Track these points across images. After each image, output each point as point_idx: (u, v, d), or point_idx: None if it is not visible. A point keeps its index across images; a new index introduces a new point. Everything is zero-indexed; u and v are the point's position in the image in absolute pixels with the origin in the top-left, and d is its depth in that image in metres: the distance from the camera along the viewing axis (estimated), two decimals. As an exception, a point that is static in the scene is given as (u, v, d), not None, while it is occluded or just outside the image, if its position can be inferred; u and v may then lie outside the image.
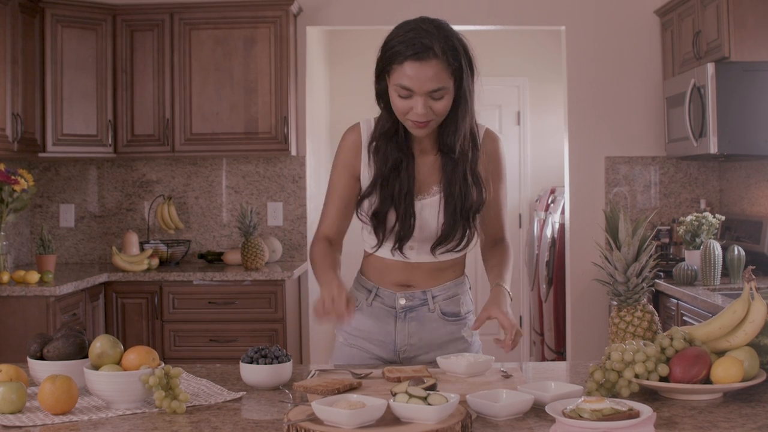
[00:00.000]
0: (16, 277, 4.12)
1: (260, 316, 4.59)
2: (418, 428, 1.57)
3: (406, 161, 2.22)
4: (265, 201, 5.25)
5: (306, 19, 5.21)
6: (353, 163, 2.29)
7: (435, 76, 2.06)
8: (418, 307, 2.31)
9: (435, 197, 2.24)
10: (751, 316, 1.90)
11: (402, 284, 2.31)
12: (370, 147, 2.26)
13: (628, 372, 1.80)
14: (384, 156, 2.22)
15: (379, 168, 2.23)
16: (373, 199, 2.24)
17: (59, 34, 4.73)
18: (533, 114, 6.99)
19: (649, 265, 2.04)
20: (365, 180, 2.27)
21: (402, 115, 2.14)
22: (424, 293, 2.31)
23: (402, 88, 2.08)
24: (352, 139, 2.31)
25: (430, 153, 2.26)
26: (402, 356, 2.32)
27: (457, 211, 2.22)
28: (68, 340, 1.95)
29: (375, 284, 2.33)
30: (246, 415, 1.79)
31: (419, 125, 2.13)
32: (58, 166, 5.26)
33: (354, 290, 2.39)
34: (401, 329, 2.31)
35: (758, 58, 4.11)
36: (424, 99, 2.08)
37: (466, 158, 2.22)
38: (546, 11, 5.22)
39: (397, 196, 2.21)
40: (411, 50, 2.05)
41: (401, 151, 2.22)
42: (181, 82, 4.90)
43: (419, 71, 2.05)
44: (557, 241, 5.67)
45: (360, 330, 2.34)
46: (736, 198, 4.88)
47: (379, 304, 2.33)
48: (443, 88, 2.08)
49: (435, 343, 2.31)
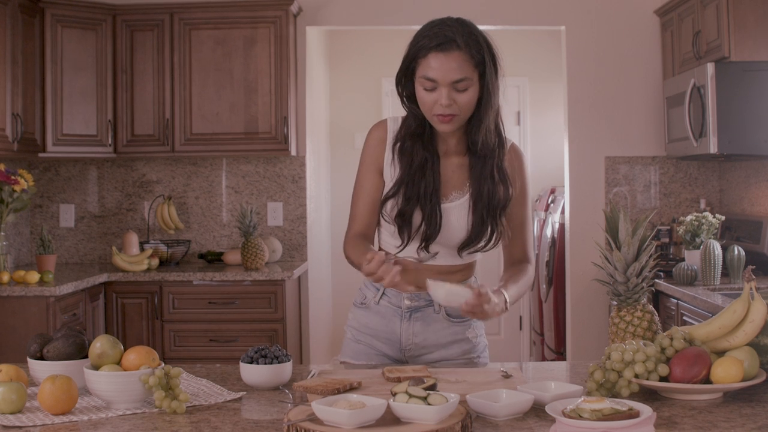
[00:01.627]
0: (16, 277, 4.12)
1: (260, 316, 4.59)
2: (418, 428, 1.57)
3: (431, 161, 2.23)
4: (265, 201, 5.25)
5: (306, 19, 5.21)
6: (379, 160, 2.30)
7: (458, 67, 2.10)
8: (424, 308, 2.33)
9: (461, 200, 2.25)
10: (751, 316, 1.90)
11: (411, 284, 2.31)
12: (395, 147, 2.27)
13: (628, 372, 1.80)
14: (409, 156, 2.23)
15: (405, 168, 2.24)
16: (397, 199, 2.24)
17: (59, 34, 4.73)
18: (533, 114, 6.98)
19: (649, 265, 2.04)
20: (387, 179, 2.28)
21: (428, 110, 2.16)
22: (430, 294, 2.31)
23: (427, 79, 2.12)
24: (378, 135, 2.31)
25: (455, 155, 2.27)
26: (407, 354, 2.34)
27: (486, 210, 2.22)
28: (68, 340, 1.95)
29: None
30: (246, 415, 1.79)
31: (444, 119, 2.14)
32: (58, 166, 5.26)
33: (364, 287, 2.41)
34: (406, 328, 2.33)
35: (758, 58, 4.11)
36: (448, 90, 2.11)
37: (493, 155, 2.23)
38: (546, 11, 5.21)
39: (423, 195, 2.21)
40: (435, 41, 2.11)
41: (427, 150, 2.23)
42: (181, 82, 4.90)
43: (443, 62, 2.10)
44: (557, 241, 5.67)
45: (367, 327, 2.37)
46: (736, 198, 4.88)
47: (386, 302, 2.35)
48: (467, 78, 2.12)
49: (440, 343, 2.33)
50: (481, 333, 2.39)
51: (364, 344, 2.37)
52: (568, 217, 5.23)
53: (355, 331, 2.40)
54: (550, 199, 6.09)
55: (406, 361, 2.34)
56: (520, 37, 6.84)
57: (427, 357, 2.33)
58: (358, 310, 2.41)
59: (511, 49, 6.82)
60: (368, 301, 2.38)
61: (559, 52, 5.57)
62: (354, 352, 2.38)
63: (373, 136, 2.31)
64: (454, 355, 2.33)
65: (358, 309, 2.41)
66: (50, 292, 3.97)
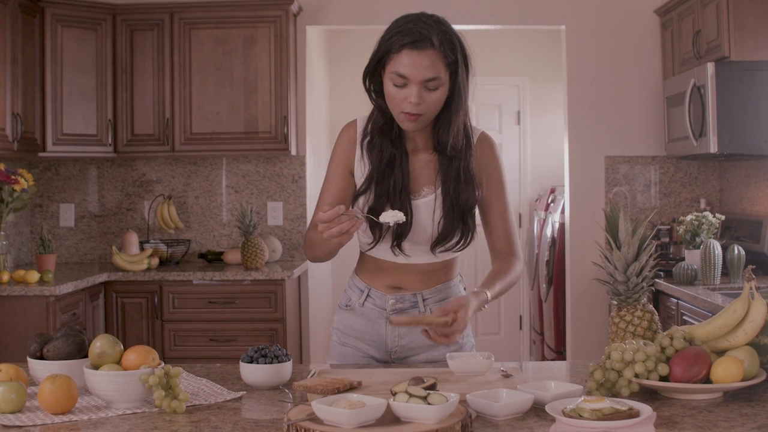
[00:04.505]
0: (16, 276, 4.12)
1: (260, 315, 4.59)
2: (418, 428, 1.57)
3: (400, 157, 2.22)
4: (265, 200, 5.25)
5: (306, 19, 5.21)
6: (349, 158, 2.29)
7: (431, 65, 2.08)
8: (409, 309, 2.31)
9: (429, 197, 2.24)
10: (751, 316, 1.90)
11: (393, 286, 2.31)
12: (364, 143, 2.26)
13: (628, 371, 1.80)
14: (378, 152, 2.23)
15: (374, 164, 2.23)
16: (368, 197, 2.23)
17: (59, 34, 4.73)
18: (533, 113, 6.98)
19: (649, 265, 2.04)
20: (358, 176, 2.27)
21: (396, 107, 2.14)
22: (415, 296, 2.31)
23: (398, 75, 2.10)
24: (348, 135, 2.31)
25: (422, 152, 2.27)
26: (393, 357, 2.33)
27: (454, 210, 2.22)
28: (68, 339, 1.95)
29: (367, 285, 2.34)
30: (246, 415, 1.79)
31: (410, 117, 2.13)
32: (58, 165, 5.26)
33: (348, 290, 2.39)
34: (392, 330, 2.31)
35: (758, 58, 4.11)
36: (418, 88, 2.09)
37: (460, 155, 2.22)
38: (546, 11, 5.21)
39: (392, 192, 2.20)
40: (409, 38, 2.08)
41: (395, 147, 2.23)
42: (181, 81, 4.90)
43: (416, 60, 2.07)
44: (557, 241, 5.67)
45: (353, 329, 2.35)
46: (736, 197, 4.88)
47: (370, 304, 2.33)
48: (438, 78, 2.09)
49: (426, 344, 2.30)
50: (468, 333, 2.38)
51: (351, 347, 2.35)
52: (568, 216, 5.23)
53: (340, 333, 2.38)
54: (550, 199, 6.09)
55: (393, 363, 2.32)
56: (520, 36, 6.84)
57: (414, 359, 2.32)
58: (343, 313, 2.39)
59: (511, 48, 6.88)
60: (353, 304, 2.36)
61: (559, 52, 5.57)
62: (340, 354, 2.37)
63: (344, 136, 2.31)
64: (440, 356, 2.30)
65: (343, 311, 2.39)
66: (50, 291, 3.97)
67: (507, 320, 7.03)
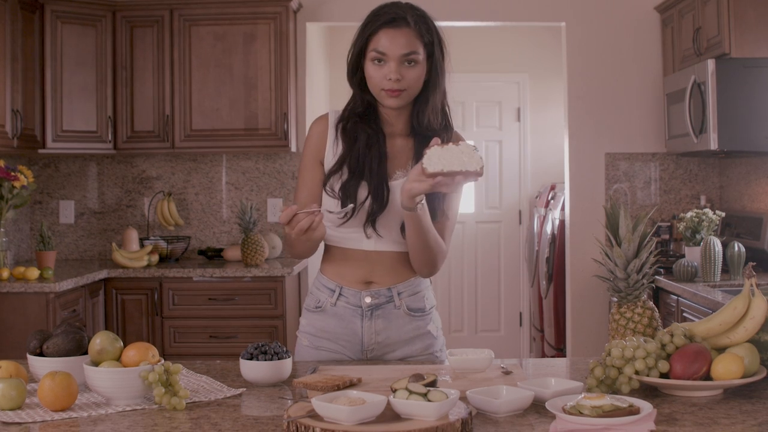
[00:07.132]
0: (15, 273, 4.12)
1: (260, 312, 4.59)
2: (418, 425, 1.57)
3: (376, 138, 2.26)
4: (265, 197, 5.25)
5: (306, 15, 5.21)
6: (320, 152, 2.30)
7: (408, 42, 2.18)
8: (384, 305, 2.29)
9: (403, 179, 2.23)
10: (752, 313, 1.90)
11: (365, 281, 2.29)
12: (338, 127, 2.29)
13: (628, 368, 1.80)
14: (353, 134, 2.26)
15: (349, 144, 2.25)
16: (341, 174, 2.24)
17: (59, 31, 4.73)
18: (533, 110, 6.98)
19: (649, 262, 2.04)
20: (329, 160, 2.27)
21: (376, 85, 2.21)
22: (389, 290, 2.29)
23: (376, 53, 2.19)
24: (319, 129, 2.33)
25: (399, 136, 2.29)
26: (369, 355, 2.30)
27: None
28: (68, 336, 1.95)
29: (338, 284, 2.30)
30: (246, 412, 1.79)
31: (392, 93, 2.19)
32: (57, 162, 5.26)
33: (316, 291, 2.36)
34: (368, 327, 2.29)
35: (759, 55, 4.10)
36: (397, 64, 2.18)
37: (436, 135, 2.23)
38: (546, 7, 5.21)
39: (369, 170, 2.22)
40: (385, 18, 2.20)
41: (372, 129, 2.26)
42: (181, 78, 4.90)
43: (393, 36, 2.18)
44: (557, 238, 5.67)
45: (325, 331, 2.31)
46: (737, 194, 4.87)
47: (343, 303, 2.30)
48: (415, 52, 2.18)
49: (402, 339, 2.30)
50: (440, 327, 2.39)
51: (325, 349, 2.31)
52: (569, 213, 5.23)
53: (312, 337, 2.33)
54: (550, 196, 6.09)
55: (369, 361, 2.29)
56: (520, 33, 6.84)
57: (390, 356, 2.30)
58: (312, 315, 2.34)
59: (511, 45, 6.88)
60: (323, 304, 2.31)
61: (559, 49, 5.57)
62: (313, 358, 2.32)
63: (314, 130, 2.33)
64: (416, 351, 2.30)
65: (313, 314, 2.34)
66: (50, 288, 3.97)
67: (507, 317, 7.04)
